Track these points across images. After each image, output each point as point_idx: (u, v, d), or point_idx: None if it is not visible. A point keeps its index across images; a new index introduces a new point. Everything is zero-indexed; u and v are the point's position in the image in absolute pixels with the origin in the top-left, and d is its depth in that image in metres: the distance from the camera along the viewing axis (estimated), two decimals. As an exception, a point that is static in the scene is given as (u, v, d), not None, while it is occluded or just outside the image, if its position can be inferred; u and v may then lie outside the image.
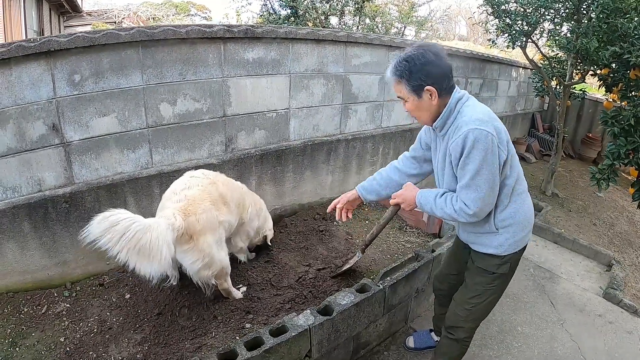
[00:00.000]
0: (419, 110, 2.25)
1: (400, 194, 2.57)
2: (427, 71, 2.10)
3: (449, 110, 2.19)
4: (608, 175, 4.74)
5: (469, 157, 2.06)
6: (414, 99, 2.19)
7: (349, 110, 5.05)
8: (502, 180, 2.20)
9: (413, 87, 2.15)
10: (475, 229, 2.42)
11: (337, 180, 5.16)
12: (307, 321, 2.64)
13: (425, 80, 2.11)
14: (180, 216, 2.72)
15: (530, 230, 2.44)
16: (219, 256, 2.97)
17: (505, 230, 2.33)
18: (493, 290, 2.50)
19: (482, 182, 2.08)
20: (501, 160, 2.11)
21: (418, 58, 2.10)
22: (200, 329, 2.99)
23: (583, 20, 5.90)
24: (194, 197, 2.90)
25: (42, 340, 2.88)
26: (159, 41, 3.39)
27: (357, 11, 10.61)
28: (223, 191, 3.17)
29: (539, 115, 10.53)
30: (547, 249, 5.36)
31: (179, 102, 3.66)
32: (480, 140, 2.01)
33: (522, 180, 2.36)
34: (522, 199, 2.34)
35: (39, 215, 3.16)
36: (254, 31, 3.86)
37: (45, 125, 3.09)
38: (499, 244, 2.36)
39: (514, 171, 2.25)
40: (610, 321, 4.00)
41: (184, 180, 3.10)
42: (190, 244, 2.80)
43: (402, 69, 2.14)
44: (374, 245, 4.14)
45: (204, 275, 2.93)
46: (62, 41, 2.95)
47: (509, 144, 2.18)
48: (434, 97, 2.15)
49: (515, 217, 2.31)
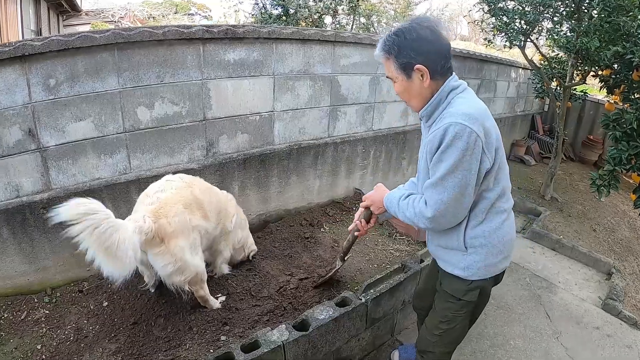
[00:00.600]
0: (408, 93, 2.03)
1: (370, 195, 2.42)
2: (419, 47, 1.88)
3: (438, 99, 1.97)
4: (609, 182, 4.56)
5: (444, 154, 1.85)
6: (403, 79, 1.98)
7: (337, 113, 4.92)
8: (480, 192, 1.99)
9: (401, 65, 1.94)
10: (443, 242, 2.20)
11: (326, 185, 5.05)
12: (282, 337, 2.55)
13: (416, 58, 1.89)
14: (150, 219, 2.66)
15: (507, 257, 2.19)
16: (192, 261, 2.89)
17: (476, 251, 2.09)
18: (462, 317, 2.28)
19: (450, 185, 1.86)
20: (483, 168, 1.89)
21: (409, 32, 1.90)
22: (174, 340, 2.91)
23: (584, 18, 5.75)
24: (166, 200, 2.83)
25: (20, 347, 2.84)
26: (135, 43, 3.29)
27: (351, 10, 10.46)
28: (199, 196, 3.09)
29: (539, 117, 10.39)
30: (545, 256, 5.24)
31: (157, 105, 3.56)
32: (461, 137, 1.79)
33: (508, 198, 2.13)
34: (502, 219, 2.08)
35: (17, 221, 3.11)
36: (234, 31, 3.74)
37: (21, 131, 3.03)
38: (466, 266, 2.13)
39: (498, 185, 2.02)
40: (608, 334, 3.86)
41: (159, 184, 3.02)
42: (162, 247, 2.72)
43: (391, 43, 1.94)
44: (361, 253, 4.03)
45: (176, 280, 2.85)
46: (37, 45, 2.88)
47: (499, 152, 1.95)
48: (425, 78, 1.92)
49: (490, 237, 2.06)
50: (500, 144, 1.97)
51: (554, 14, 6.16)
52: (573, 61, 6.33)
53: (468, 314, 2.29)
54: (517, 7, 6.11)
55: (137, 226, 2.55)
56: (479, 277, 2.14)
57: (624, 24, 4.56)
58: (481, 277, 2.14)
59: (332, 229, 4.54)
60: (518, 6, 6.11)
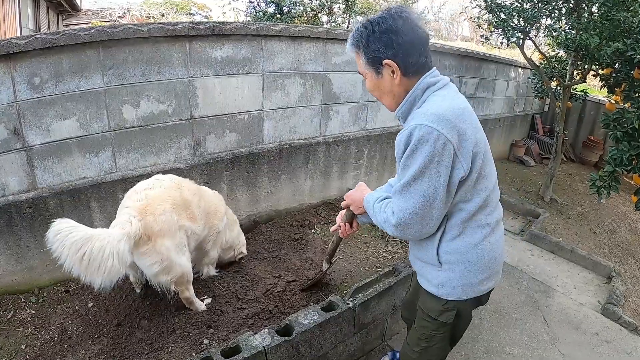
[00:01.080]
0: (378, 90, 1.87)
1: (350, 194, 2.29)
2: (388, 40, 1.70)
3: (413, 97, 1.79)
4: (609, 183, 4.45)
5: (409, 158, 1.67)
6: (372, 75, 1.82)
7: (329, 112, 4.86)
8: (456, 202, 1.80)
9: (369, 60, 1.78)
10: (419, 254, 2.02)
11: (318, 185, 4.98)
12: (263, 342, 2.48)
13: (385, 52, 1.72)
14: (136, 219, 2.66)
15: (490, 277, 1.95)
16: (179, 261, 2.87)
17: (451, 267, 1.89)
18: (440, 337, 2.11)
19: (416, 193, 1.68)
20: (456, 176, 1.69)
21: (378, 24, 1.72)
22: (157, 342, 2.88)
23: (583, 14, 5.66)
24: (154, 197, 2.82)
25: (4, 346, 2.84)
26: (119, 41, 3.25)
27: (347, 8, 10.39)
28: (188, 197, 3.07)
29: (539, 117, 10.30)
30: (543, 258, 5.15)
31: (143, 104, 3.51)
32: (427, 142, 1.61)
33: (492, 211, 1.90)
34: (483, 234, 1.86)
35: (3, 220, 3.10)
36: (222, 28, 3.68)
37: (6, 130, 3.01)
38: (440, 283, 1.94)
39: (478, 195, 1.80)
40: (607, 340, 3.76)
41: (148, 181, 3.01)
42: (148, 246, 2.70)
43: (359, 36, 1.78)
44: (352, 256, 3.96)
45: (162, 280, 2.85)
46: (21, 43, 2.86)
47: (478, 158, 1.73)
48: (396, 75, 1.75)
49: (467, 254, 1.86)
50: (482, 150, 1.76)
51: (552, 10, 6.07)
52: (573, 59, 6.24)
53: (446, 334, 2.12)
54: (515, 4, 6.03)
55: (125, 233, 2.54)
56: (455, 297, 1.95)
57: (625, 20, 4.46)
58: (457, 297, 1.95)
59: (324, 230, 4.48)
60: (516, 2, 6.02)
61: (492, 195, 1.88)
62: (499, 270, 2.01)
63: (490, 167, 1.85)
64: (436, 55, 6.01)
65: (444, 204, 1.73)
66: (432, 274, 1.97)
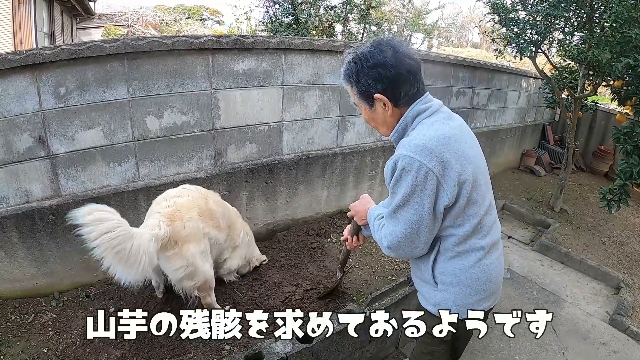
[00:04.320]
0: (373, 121, 1.91)
1: (354, 205, 2.31)
2: (377, 74, 1.72)
3: (404, 124, 1.81)
4: (619, 196, 4.50)
5: (396, 187, 1.72)
6: (366, 107, 1.86)
7: (346, 123, 4.92)
8: (446, 227, 1.82)
9: (361, 94, 1.81)
10: (418, 273, 2.06)
11: (333, 195, 5.04)
12: (285, 348, 2.56)
13: (375, 86, 1.75)
14: (165, 223, 2.74)
15: (486, 298, 1.95)
16: (203, 267, 2.94)
17: (446, 288, 1.91)
18: (441, 353, 2.14)
19: (403, 220, 1.74)
20: (440, 204, 1.72)
21: (366, 58, 1.74)
22: (179, 348, 2.91)
23: (595, 29, 5.70)
24: (182, 205, 2.92)
25: (26, 349, 2.87)
26: (144, 53, 3.32)
27: (362, 18, 10.46)
28: (213, 207, 3.17)
29: (549, 127, 10.28)
30: (553, 269, 5.19)
31: (166, 115, 3.58)
32: (409, 172, 1.65)
33: (487, 234, 1.88)
34: (476, 258, 1.86)
35: (26, 226, 3.16)
36: (244, 42, 3.76)
37: (31, 138, 3.08)
38: (436, 302, 1.96)
39: (468, 221, 1.80)
40: (615, 350, 3.81)
41: (176, 190, 3.12)
42: (175, 250, 2.79)
43: (349, 71, 1.80)
44: (367, 265, 4.02)
45: (186, 285, 2.92)
46: (47, 54, 2.92)
47: (463, 187, 1.73)
48: (387, 107, 1.79)
49: (461, 276, 1.87)
50: (469, 177, 1.74)
51: (565, 24, 6.11)
52: (584, 72, 6.27)
53: (446, 350, 2.15)
54: (528, 18, 6.06)
55: (154, 234, 2.62)
56: None
57: (636, 36, 4.49)
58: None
59: (339, 239, 4.49)
60: (529, 16, 6.06)
61: (486, 220, 1.87)
62: (495, 290, 2.01)
63: (482, 193, 1.84)
64: (450, 67, 6.07)
65: (430, 230, 1.77)
66: (429, 292, 2.00)
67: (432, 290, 1.97)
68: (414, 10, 12.90)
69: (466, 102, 6.78)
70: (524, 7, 6.10)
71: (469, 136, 1.88)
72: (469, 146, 1.81)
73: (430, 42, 13.42)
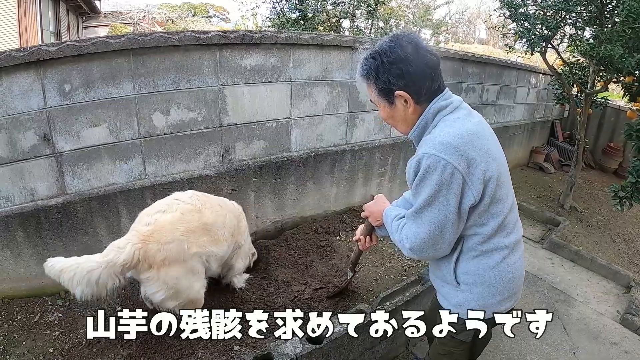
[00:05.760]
0: (392, 119, 1.86)
1: (369, 206, 2.29)
2: (398, 70, 1.67)
3: (424, 122, 1.78)
4: (631, 194, 4.43)
5: (419, 187, 1.69)
6: (385, 105, 1.81)
7: (355, 119, 4.88)
8: (470, 226, 1.79)
9: (381, 91, 1.76)
10: (438, 273, 2.01)
11: (342, 192, 5.00)
12: (295, 349, 2.53)
13: (396, 83, 1.70)
14: (135, 246, 2.59)
15: (509, 297, 1.93)
16: (189, 289, 2.82)
17: (469, 288, 1.88)
18: (460, 354, 2.10)
19: (427, 220, 1.70)
20: (466, 203, 1.68)
21: (386, 54, 1.68)
22: (187, 348, 2.89)
23: (607, 24, 5.62)
24: (163, 225, 2.72)
25: (32, 349, 2.86)
26: (150, 49, 3.29)
27: (369, 14, 10.41)
28: (209, 219, 2.97)
29: (558, 123, 10.21)
30: (563, 267, 5.13)
31: (173, 111, 3.55)
32: (435, 170, 1.62)
33: (510, 233, 1.86)
34: (501, 257, 1.83)
35: (31, 225, 3.15)
36: (251, 37, 3.71)
37: (36, 136, 3.06)
38: (458, 303, 1.93)
39: (493, 219, 1.77)
40: (626, 350, 3.76)
41: (164, 202, 2.92)
42: (150, 273, 2.65)
43: (368, 67, 1.75)
44: (377, 263, 3.98)
45: (170, 305, 2.74)
46: (52, 50, 2.89)
47: (489, 184, 1.70)
48: (409, 104, 1.75)
49: (484, 275, 1.84)
50: (494, 175, 1.71)
51: (576, 19, 6.04)
52: (595, 67, 6.19)
53: (465, 352, 2.11)
54: (538, 13, 6.00)
55: (107, 261, 2.55)
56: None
57: (650, 32, 4.43)
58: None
59: (349, 237, 4.49)
60: (539, 11, 5.99)
61: (509, 218, 1.84)
62: (517, 290, 1.98)
63: (505, 190, 1.81)
64: (459, 63, 6.04)
65: (455, 229, 1.74)
66: (450, 293, 1.97)
67: (453, 290, 1.94)
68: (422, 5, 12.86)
69: (476, 98, 6.72)
70: (534, 2, 6.05)
71: (490, 132, 1.84)
72: (491, 143, 1.78)
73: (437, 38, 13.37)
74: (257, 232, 4.23)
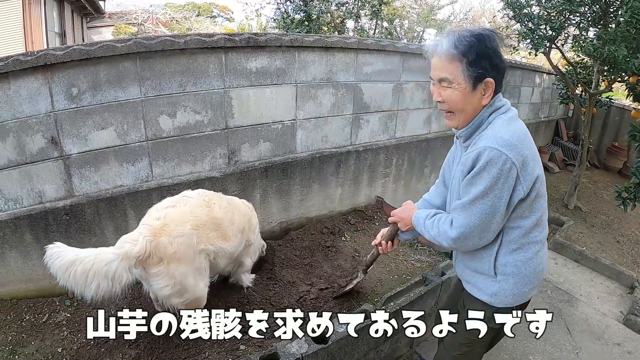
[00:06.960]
0: (462, 104, 1.83)
1: (398, 212, 2.34)
2: (495, 60, 1.74)
3: (480, 119, 1.85)
4: (635, 195, 4.44)
5: (476, 178, 1.76)
6: (465, 88, 1.78)
7: (360, 121, 4.89)
8: (514, 218, 1.88)
9: (472, 74, 1.74)
10: (473, 265, 2.08)
11: (347, 193, 5.01)
12: (301, 349, 2.55)
13: (490, 71, 1.74)
14: (146, 238, 2.54)
15: (536, 286, 2.06)
16: (195, 287, 2.78)
17: (506, 279, 1.97)
18: (483, 343, 2.19)
19: (479, 211, 1.79)
20: (516, 197, 1.79)
21: (490, 41, 1.72)
22: (194, 348, 2.90)
23: (610, 25, 5.62)
24: (174, 217, 2.71)
25: (40, 349, 2.88)
26: (156, 52, 3.31)
27: (373, 15, 10.40)
28: (218, 215, 2.96)
29: (563, 123, 10.20)
30: (567, 267, 5.15)
31: (179, 114, 3.57)
32: (495, 164, 1.70)
33: (543, 228, 1.99)
34: (536, 250, 1.95)
35: (40, 227, 3.17)
36: (257, 40, 3.74)
37: (44, 139, 3.09)
38: (493, 293, 2.01)
39: (534, 214, 1.89)
40: (629, 351, 3.78)
41: (174, 198, 2.92)
42: (160, 267, 2.59)
43: (468, 45, 1.72)
44: (381, 264, 3.99)
45: (174, 302, 2.72)
46: (59, 54, 2.92)
47: (537, 182, 1.82)
48: (487, 94, 1.79)
49: (522, 267, 1.95)
50: (540, 174, 1.85)
51: (580, 20, 6.04)
52: (599, 67, 6.19)
53: (488, 341, 2.21)
54: (542, 13, 6.00)
55: (121, 253, 2.45)
56: (505, 305, 2.04)
57: (654, 32, 4.43)
58: (507, 305, 2.04)
59: (353, 237, 4.51)
60: (543, 12, 5.99)
61: (545, 214, 1.97)
62: (541, 280, 2.10)
63: (544, 188, 1.93)
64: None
65: (501, 220, 1.84)
66: (485, 283, 2.05)
67: (489, 281, 2.03)
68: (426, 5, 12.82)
69: (480, 98, 6.65)
70: (538, 3, 6.04)
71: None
72: (534, 144, 1.91)
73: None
74: (263, 233, 4.18)
